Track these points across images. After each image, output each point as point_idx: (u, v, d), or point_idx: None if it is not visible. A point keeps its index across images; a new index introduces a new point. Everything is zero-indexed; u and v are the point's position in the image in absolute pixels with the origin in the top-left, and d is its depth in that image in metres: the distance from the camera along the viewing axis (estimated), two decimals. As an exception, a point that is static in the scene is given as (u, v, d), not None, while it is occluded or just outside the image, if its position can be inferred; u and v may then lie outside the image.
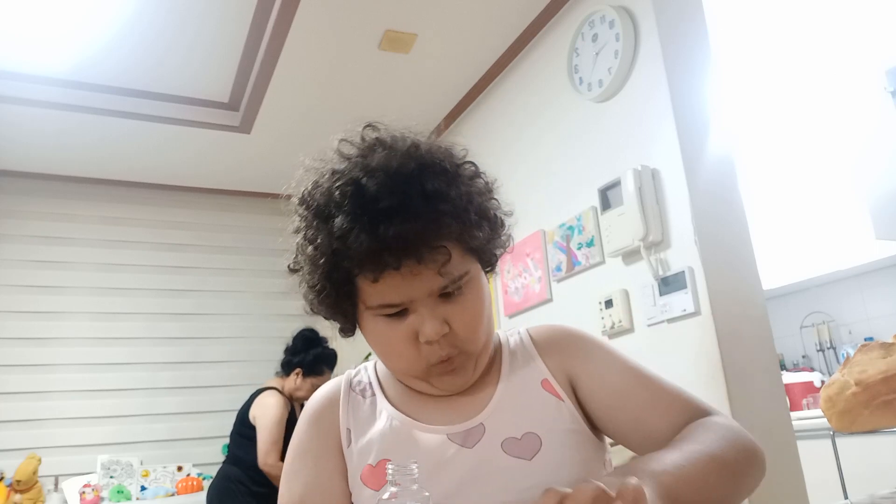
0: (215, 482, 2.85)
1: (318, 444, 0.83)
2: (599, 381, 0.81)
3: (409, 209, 0.69)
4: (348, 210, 0.71)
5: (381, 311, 0.75)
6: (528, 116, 2.63)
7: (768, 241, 2.91)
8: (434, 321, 0.73)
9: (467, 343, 0.76)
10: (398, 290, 0.72)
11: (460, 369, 0.77)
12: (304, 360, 3.00)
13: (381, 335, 0.77)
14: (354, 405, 0.85)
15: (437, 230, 0.71)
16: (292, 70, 2.70)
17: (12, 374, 3.26)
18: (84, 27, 2.44)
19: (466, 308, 0.75)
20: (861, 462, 2.44)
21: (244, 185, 3.85)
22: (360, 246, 0.69)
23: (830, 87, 3.04)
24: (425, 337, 0.73)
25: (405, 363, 0.77)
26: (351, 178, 0.74)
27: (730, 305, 1.80)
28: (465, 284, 0.75)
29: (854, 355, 1.08)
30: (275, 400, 2.85)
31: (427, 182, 0.72)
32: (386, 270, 0.70)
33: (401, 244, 0.68)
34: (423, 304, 0.73)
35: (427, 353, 0.75)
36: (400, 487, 0.58)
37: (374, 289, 0.73)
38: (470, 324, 0.76)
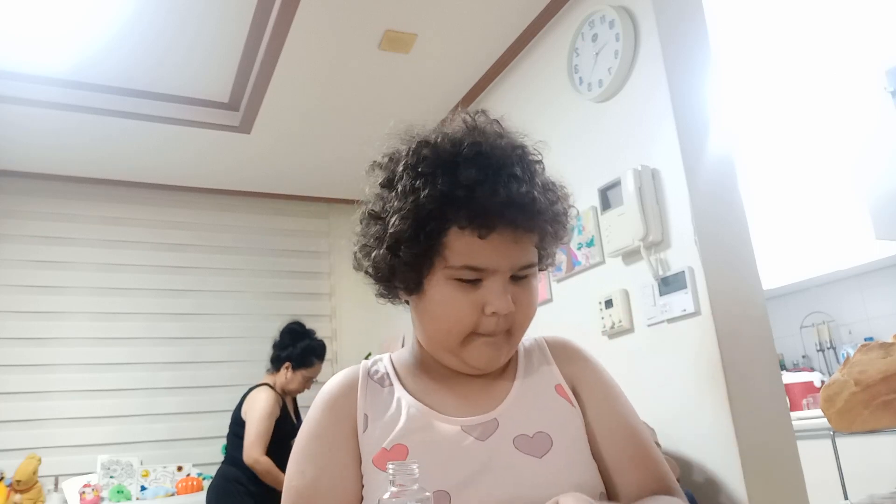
0: (214, 482, 2.85)
1: (333, 429, 0.83)
2: (596, 412, 0.84)
3: (527, 174, 0.78)
4: (479, 164, 0.75)
5: (461, 275, 0.77)
6: (528, 116, 2.62)
7: (768, 241, 2.91)
8: (506, 298, 0.77)
9: (519, 326, 0.82)
10: (493, 253, 0.76)
11: (500, 346, 0.81)
12: (293, 353, 3.01)
13: (448, 298, 0.78)
14: (373, 392, 0.86)
15: (547, 208, 0.79)
16: (292, 70, 2.70)
17: (12, 374, 3.26)
18: (84, 27, 2.44)
19: (529, 294, 0.81)
20: (861, 462, 2.44)
21: (244, 185, 3.85)
22: (490, 198, 0.73)
23: (830, 87, 3.04)
24: (495, 308, 0.76)
25: (456, 327, 0.79)
26: (474, 141, 0.79)
27: (730, 305, 1.80)
28: (531, 273, 0.82)
29: (854, 355, 1.08)
30: (264, 395, 2.87)
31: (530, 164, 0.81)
32: (498, 227, 0.74)
33: (527, 206, 0.75)
34: (501, 278, 0.77)
35: (485, 324, 0.78)
36: (400, 487, 0.58)
37: (470, 247, 0.76)
38: (528, 309, 0.81)
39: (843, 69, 3.04)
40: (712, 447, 1.75)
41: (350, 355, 3.66)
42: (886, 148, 2.92)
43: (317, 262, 4.06)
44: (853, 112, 2.99)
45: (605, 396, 0.86)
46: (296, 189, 3.95)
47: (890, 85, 2.95)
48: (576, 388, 0.87)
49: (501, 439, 0.78)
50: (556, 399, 0.84)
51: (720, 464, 1.73)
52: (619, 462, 0.81)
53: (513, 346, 0.84)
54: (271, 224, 3.99)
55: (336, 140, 3.32)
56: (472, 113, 0.85)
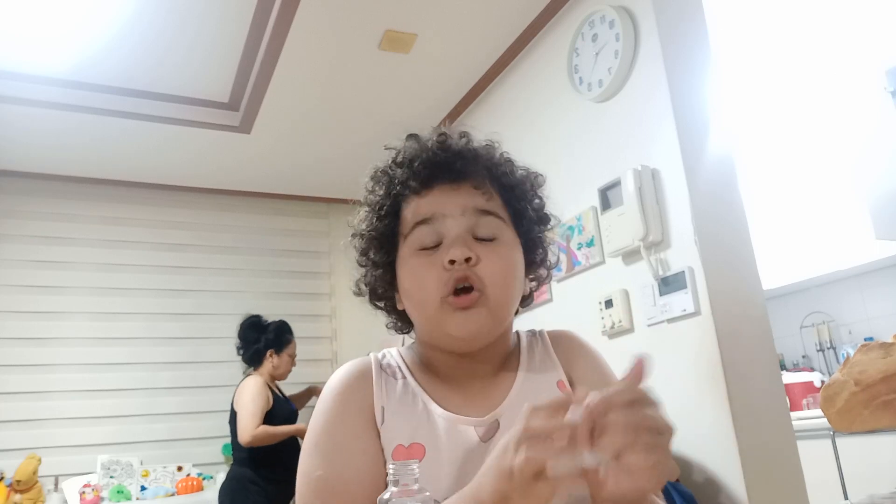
0: (226, 484, 2.90)
1: (353, 419, 0.80)
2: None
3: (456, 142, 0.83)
4: (408, 144, 0.85)
5: (417, 237, 0.80)
6: (528, 116, 2.63)
7: (768, 241, 2.91)
8: (462, 245, 0.77)
9: (490, 283, 0.78)
10: (436, 202, 0.79)
11: (475, 309, 0.78)
12: (269, 339, 3.06)
13: (413, 268, 0.80)
14: (389, 385, 0.84)
15: (479, 154, 0.83)
16: (292, 70, 2.70)
17: (12, 374, 3.26)
18: (84, 27, 2.44)
19: (497, 253, 0.79)
20: (861, 462, 2.44)
21: (244, 185, 3.85)
22: (407, 154, 0.81)
23: (830, 87, 3.04)
24: (450, 255, 0.76)
25: (426, 293, 0.79)
26: (412, 135, 0.87)
27: (730, 305, 1.80)
28: (500, 239, 0.81)
29: (854, 355, 1.08)
30: (249, 381, 2.95)
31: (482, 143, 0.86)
32: (429, 182, 0.80)
33: (444, 149, 0.81)
34: (456, 227, 0.79)
35: (447, 278, 0.77)
36: (400, 487, 0.58)
37: (416, 206, 0.81)
38: (495, 266, 0.78)
39: (843, 69, 3.04)
40: (712, 447, 1.75)
41: (350, 355, 3.62)
42: (886, 148, 2.92)
43: (317, 262, 4.06)
44: (853, 112, 2.99)
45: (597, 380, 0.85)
46: (296, 189, 3.95)
47: (890, 85, 2.95)
48: (572, 380, 0.86)
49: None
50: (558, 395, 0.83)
51: (720, 464, 1.73)
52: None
53: (494, 311, 0.79)
54: (271, 224, 3.99)
55: (336, 140, 3.32)
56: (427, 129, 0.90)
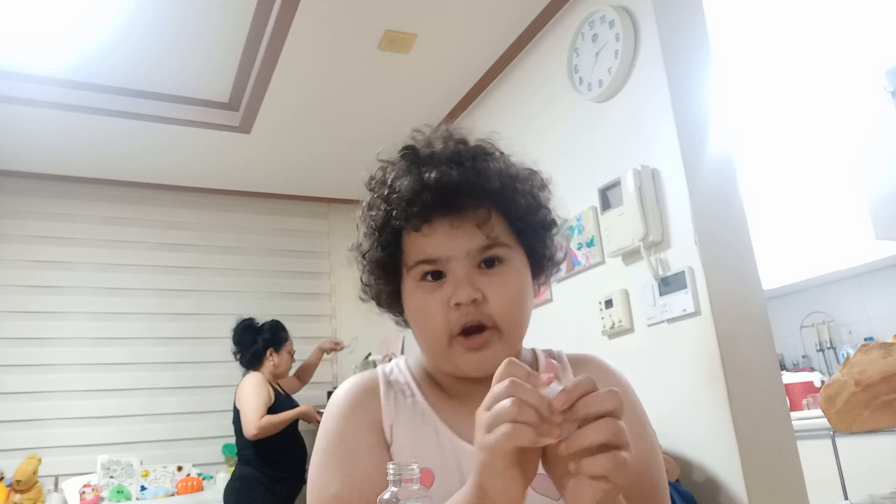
0: (231, 484, 2.93)
1: (362, 436, 0.78)
2: None
3: (455, 162, 0.76)
4: (402, 166, 0.78)
5: (421, 270, 0.76)
6: (528, 116, 2.63)
7: (768, 241, 2.91)
8: (468, 286, 0.74)
9: (500, 317, 0.75)
10: (438, 243, 0.75)
11: (488, 349, 0.75)
12: (267, 339, 3.06)
13: (419, 301, 0.77)
14: (398, 402, 0.82)
15: (480, 184, 0.75)
16: (292, 70, 2.70)
17: (12, 374, 3.26)
18: (84, 27, 2.44)
19: (504, 284, 0.76)
20: (861, 462, 2.44)
21: (244, 185, 3.85)
22: (404, 188, 0.75)
23: (830, 87, 3.04)
24: (456, 299, 0.73)
25: (433, 331, 0.76)
26: (410, 146, 0.80)
27: (730, 305, 1.80)
28: (506, 262, 0.76)
29: (854, 355, 1.08)
30: (248, 378, 2.97)
31: (479, 155, 0.78)
32: (429, 219, 0.74)
33: (442, 185, 0.73)
34: (460, 267, 0.75)
35: (455, 319, 0.74)
36: (400, 487, 0.58)
37: (417, 243, 0.76)
38: (504, 298, 0.75)
39: (843, 69, 3.04)
40: (712, 447, 1.75)
41: (350, 355, 3.66)
42: (886, 148, 2.92)
43: (317, 262, 4.06)
44: (853, 112, 2.99)
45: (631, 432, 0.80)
46: (296, 189, 3.95)
47: (890, 85, 2.95)
48: None
49: None
50: None
51: (720, 464, 1.73)
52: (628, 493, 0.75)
53: (507, 345, 0.76)
54: (271, 224, 3.99)
55: (336, 140, 3.32)
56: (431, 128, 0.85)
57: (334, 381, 3.86)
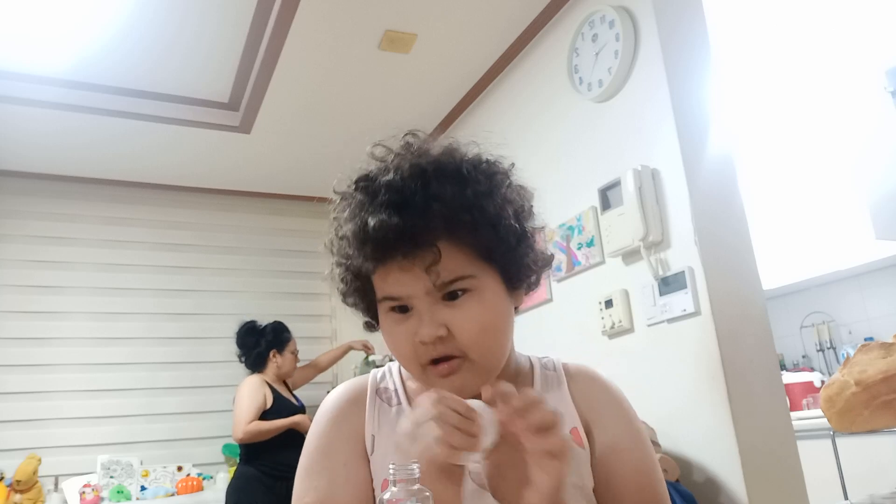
0: (233, 482, 2.94)
1: (344, 446, 0.81)
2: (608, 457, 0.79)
3: (401, 204, 0.71)
4: (354, 205, 0.76)
5: (387, 305, 0.76)
6: (528, 116, 2.63)
7: (768, 241, 2.91)
8: (430, 324, 0.72)
9: (469, 348, 0.73)
10: (396, 284, 0.74)
11: (459, 373, 0.74)
12: (270, 341, 3.07)
13: (388, 330, 0.77)
14: (381, 411, 0.83)
15: (425, 227, 0.70)
16: (292, 70, 2.70)
17: (12, 374, 3.26)
18: (84, 27, 2.43)
19: (469, 316, 0.73)
20: (861, 462, 2.44)
21: (244, 185, 3.85)
22: (351, 236, 0.74)
23: (830, 87, 3.04)
24: (419, 337, 0.73)
25: (404, 360, 0.77)
26: (364, 177, 0.77)
27: (730, 305, 1.80)
28: (471, 291, 0.73)
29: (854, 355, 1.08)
30: (246, 381, 2.98)
31: (432, 182, 0.72)
32: (381, 261, 0.73)
33: (381, 236, 0.70)
34: (422, 304, 0.73)
35: (422, 352, 0.74)
36: (400, 487, 0.58)
37: (380, 279, 0.75)
38: (470, 330, 0.73)
39: (843, 69, 3.04)
40: (712, 447, 1.75)
41: (350, 356, 3.66)
42: (886, 148, 2.92)
43: (317, 262, 4.05)
44: (853, 112, 2.99)
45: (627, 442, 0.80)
46: (296, 189, 3.95)
47: (890, 85, 2.95)
48: (590, 427, 0.80)
49: None
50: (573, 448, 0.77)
51: (720, 464, 1.73)
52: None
53: (482, 371, 0.75)
54: (271, 224, 3.99)
55: (336, 140, 3.32)
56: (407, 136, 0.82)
57: (334, 381, 3.86)
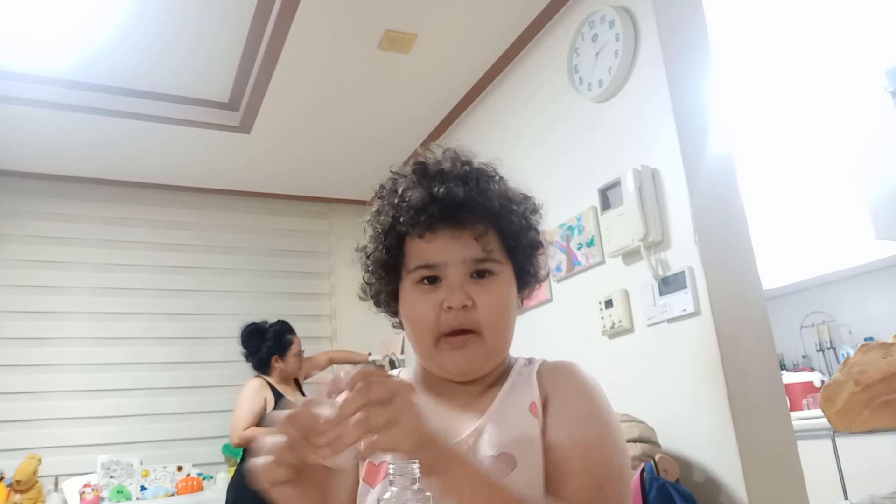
0: (234, 479, 2.95)
1: None
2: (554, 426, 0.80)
3: (461, 181, 0.83)
4: (413, 179, 0.85)
5: (418, 276, 0.83)
6: (528, 116, 2.63)
7: (768, 241, 2.91)
8: (461, 292, 0.81)
9: (485, 325, 0.82)
10: (438, 249, 0.82)
11: (469, 347, 0.82)
12: (271, 346, 3.06)
13: (412, 301, 0.84)
14: None
15: (482, 203, 0.83)
16: (292, 70, 2.70)
17: (12, 374, 3.26)
18: (84, 27, 2.44)
19: (493, 294, 0.83)
20: (861, 462, 2.44)
21: (244, 185, 3.85)
22: (414, 199, 0.82)
23: (830, 87, 3.04)
24: (448, 302, 0.81)
25: (423, 329, 0.83)
26: (421, 162, 0.88)
27: (730, 305, 1.80)
28: (496, 275, 0.84)
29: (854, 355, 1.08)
30: (247, 384, 2.97)
31: (482, 176, 0.86)
32: (433, 227, 0.82)
33: (448, 200, 0.81)
34: (455, 274, 0.82)
35: (444, 320, 0.81)
36: (400, 487, 0.58)
37: (419, 248, 0.83)
38: (491, 308, 0.82)
39: (843, 69, 3.04)
40: (712, 447, 1.75)
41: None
42: (886, 148, 2.92)
43: (317, 262, 4.07)
44: (853, 112, 2.99)
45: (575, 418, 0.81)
46: (296, 189, 3.95)
47: (890, 85, 2.95)
48: (548, 399, 0.83)
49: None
50: (528, 418, 0.81)
51: (720, 464, 1.73)
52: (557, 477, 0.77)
53: (489, 350, 0.83)
54: (271, 224, 3.99)
55: (336, 140, 3.32)
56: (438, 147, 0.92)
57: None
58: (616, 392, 1.01)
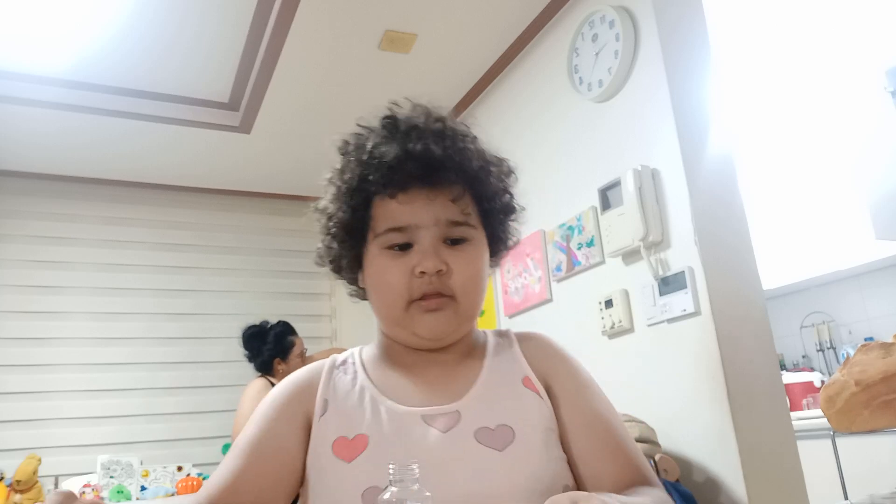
0: None
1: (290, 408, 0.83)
2: (569, 406, 0.82)
3: (438, 136, 0.79)
4: (384, 134, 0.81)
5: (388, 240, 0.79)
6: (528, 116, 2.63)
7: (768, 241, 2.91)
8: (435, 257, 0.77)
9: (460, 290, 0.79)
10: (410, 211, 0.77)
11: (443, 311, 0.79)
12: (273, 349, 3.04)
13: (382, 267, 0.80)
14: (336, 379, 0.85)
15: (460, 162, 0.79)
16: (292, 70, 2.70)
17: (12, 374, 3.26)
18: (84, 27, 2.44)
19: (467, 260, 0.80)
20: (861, 462, 2.44)
21: (244, 185, 3.85)
22: (387, 155, 0.77)
23: (830, 87, 3.04)
24: (421, 267, 0.77)
25: (393, 296, 0.79)
26: (392, 116, 0.84)
27: (730, 305, 1.80)
28: (470, 241, 0.81)
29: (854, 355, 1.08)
30: (252, 383, 2.96)
31: (458, 134, 0.82)
32: (407, 187, 0.77)
33: (425, 157, 0.76)
34: (428, 237, 0.78)
35: (416, 286, 0.78)
36: (400, 487, 0.58)
37: (388, 209, 0.79)
38: (465, 273, 0.79)
39: (843, 69, 3.04)
40: (712, 447, 1.75)
41: (348, 353, 3.66)
42: (886, 148, 2.92)
43: (317, 262, 4.06)
44: (853, 112, 2.99)
45: (578, 389, 0.84)
46: (296, 189, 3.95)
47: (890, 85, 2.95)
48: (548, 382, 0.84)
49: (463, 432, 0.77)
50: (523, 391, 0.82)
51: (720, 464, 1.73)
52: (591, 454, 0.79)
53: (462, 315, 0.81)
54: (271, 224, 3.99)
55: (336, 140, 3.32)
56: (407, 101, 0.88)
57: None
58: (616, 392, 1.01)
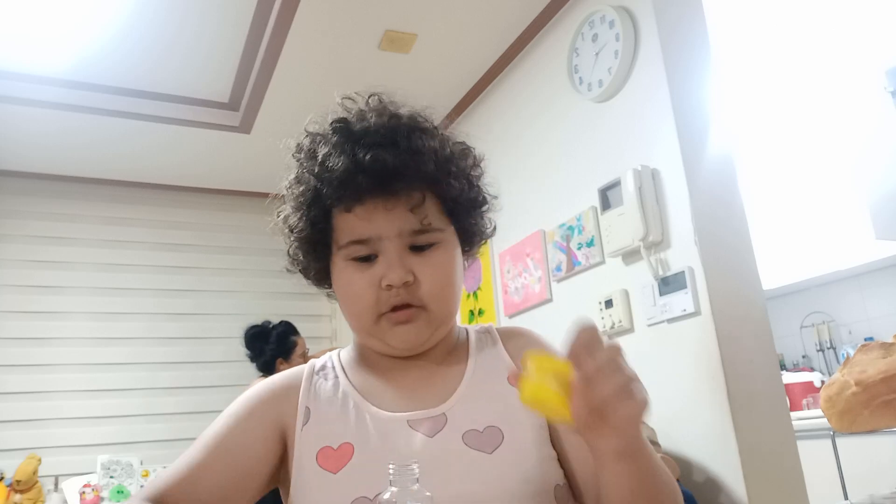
0: None
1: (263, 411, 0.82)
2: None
3: (390, 142, 0.74)
4: (335, 142, 0.77)
5: (351, 252, 0.76)
6: (528, 116, 2.63)
7: (768, 241, 2.91)
8: (400, 268, 0.74)
9: (430, 299, 0.76)
10: (369, 223, 0.74)
11: (414, 322, 0.76)
12: (275, 349, 3.02)
13: (347, 279, 0.78)
14: (317, 386, 0.84)
15: (415, 167, 0.74)
16: (292, 70, 2.70)
17: (12, 374, 3.26)
18: (84, 27, 2.44)
19: (435, 266, 0.76)
20: (861, 462, 2.44)
21: (244, 185, 3.85)
22: (337, 168, 0.74)
23: (830, 87, 3.04)
24: (388, 280, 0.74)
25: (361, 307, 0.77)
26: (343, 119, 0.80)
27: (730, 305, 1.80)
28: (438, 244, 0.77)
29: (854, 355, 1.08)
30: (253, 384, 2.90)
31: (414, 132, 0.77)
32: (360, 199, 0.73)
33: (377, 168, 0.72)
34: (392, 248, 0.75)
35: (384, 299, 0.75)
36: (400, 487, 0.58)
37: (347, 222, 0.76)
38: (434, 281, 0.76)
39: (843, 69, 3.04)
40: (712, 447, 1.75)
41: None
42: (886, 148, 2.92)
43: (317, 262, 4.06)
44: (853, 112, 2.99)
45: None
46: (296, 189, 3.95)
47: (890, 85, 2.95)
48: None
49: (450, 436, 0.75)
50: (509, 390, 0.78)
51: (720, 464, 1.73)
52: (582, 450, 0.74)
53: (435, 322, 0.78)
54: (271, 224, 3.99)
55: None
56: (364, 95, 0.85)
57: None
58: (616, 392, 1.01)
